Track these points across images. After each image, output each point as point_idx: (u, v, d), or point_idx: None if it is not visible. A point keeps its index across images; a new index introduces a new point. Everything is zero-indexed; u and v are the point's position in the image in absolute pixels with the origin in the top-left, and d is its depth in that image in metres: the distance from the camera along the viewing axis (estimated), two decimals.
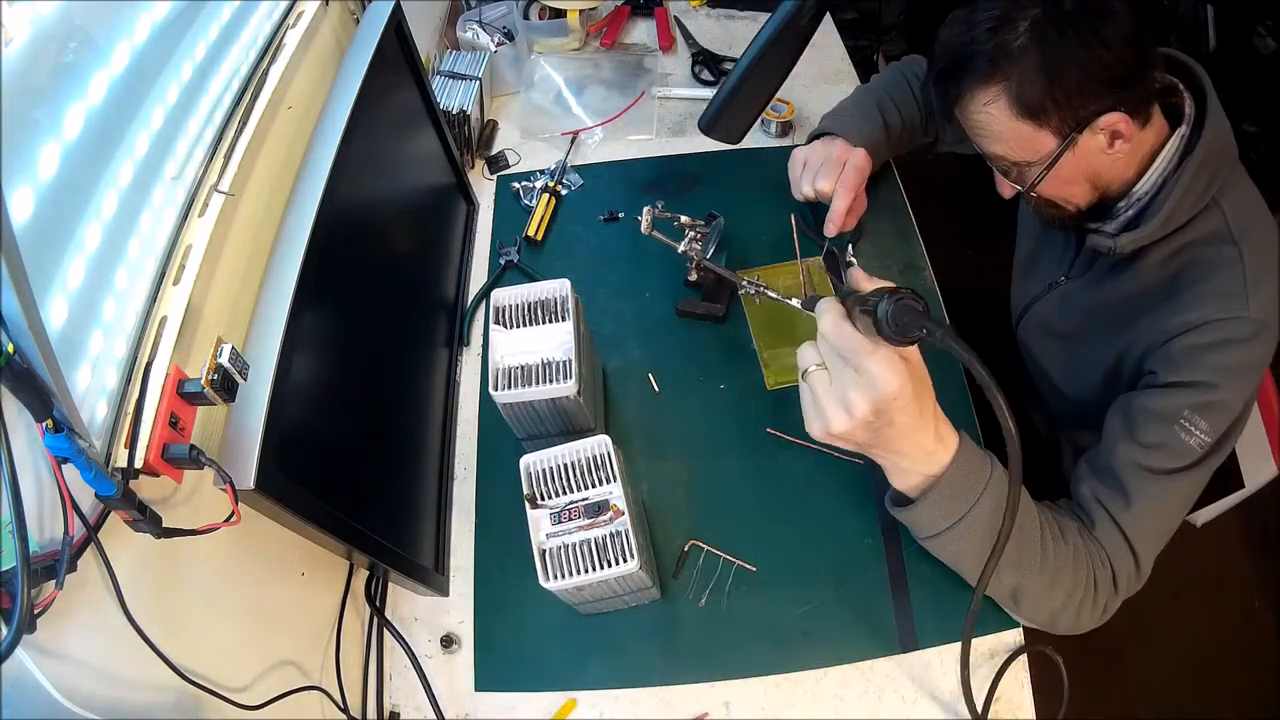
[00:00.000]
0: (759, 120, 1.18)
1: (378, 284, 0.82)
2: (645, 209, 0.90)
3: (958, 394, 0.92)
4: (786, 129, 1.18)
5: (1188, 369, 0.69)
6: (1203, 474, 0.71)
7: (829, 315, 0.57)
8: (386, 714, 0.80)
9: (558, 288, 0.80)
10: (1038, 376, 0.97)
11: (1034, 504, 0.71)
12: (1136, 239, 0.72)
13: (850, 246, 1.01)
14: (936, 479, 0.66)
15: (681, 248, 0.94)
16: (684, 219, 0.94)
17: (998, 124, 0.70)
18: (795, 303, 0.90)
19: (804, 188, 1.00)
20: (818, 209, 1.03)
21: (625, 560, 0.67)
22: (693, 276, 0.99)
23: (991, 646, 0.78)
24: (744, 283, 0.94)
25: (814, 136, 1.04)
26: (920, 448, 0.64)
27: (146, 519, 0.49)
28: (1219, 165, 0.71)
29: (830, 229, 0.99)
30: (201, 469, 0.51)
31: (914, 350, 0.58)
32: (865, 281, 0.59)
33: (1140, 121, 0.69)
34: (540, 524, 0.69)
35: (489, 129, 1.23)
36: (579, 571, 0.67)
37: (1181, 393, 0.69)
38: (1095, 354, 0.80)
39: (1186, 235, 0.73)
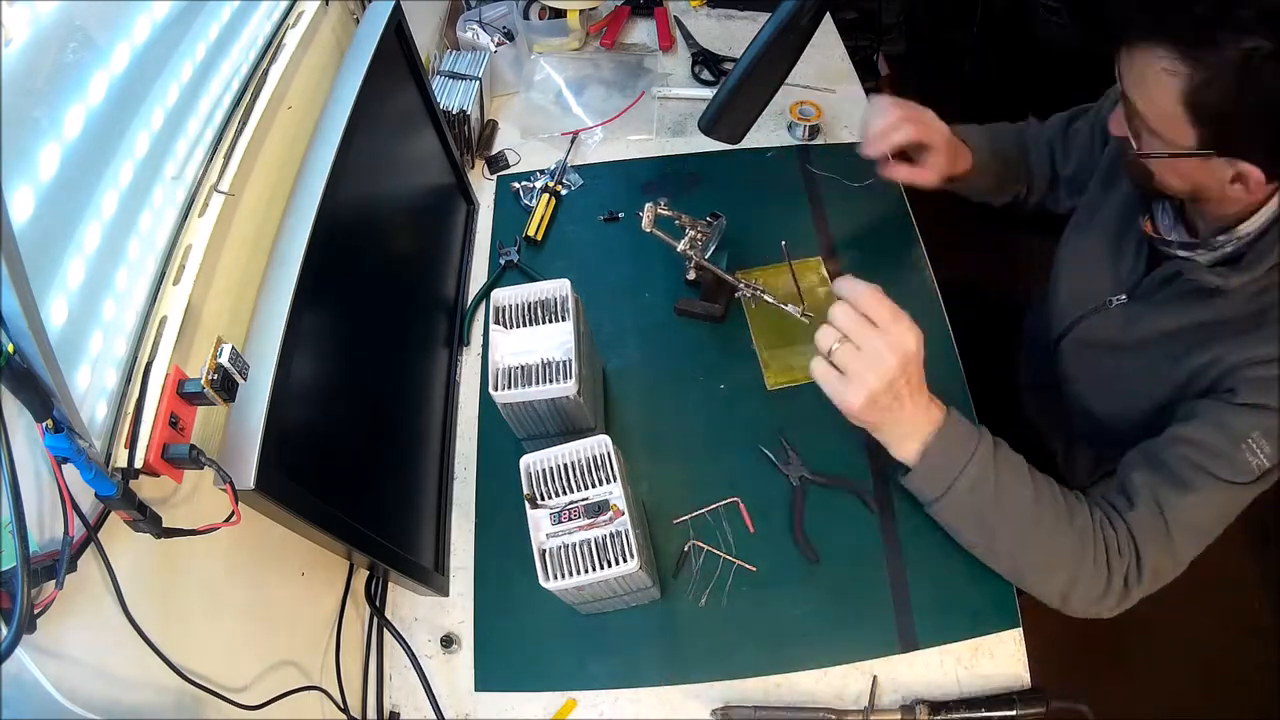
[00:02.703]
0: (786, 125, 1.19)
1: (378, 284, 0.82)
2: (647, 206, 0.89)
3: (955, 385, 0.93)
4: (814, 133, 1.18)
5: (1268, 394, 0.69)
6: (1253, 492, 0.71)
7: (862, 285, 0.68)
8: (386, 714, 0.80)
9: (558, 288, 0.80)
10: (1075, 390, 0.94)
11: (1035, 485, 0.73)
12: (1245, 281, 0.71)
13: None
14: (929, 441, 0.72)
15: (681, 246, 0.94)
16: (685, 218, 0.94)
17: (1162, 93, 0.65)
18: (791, 309, 0.90)
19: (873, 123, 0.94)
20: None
21: (625, 560, 0.67)
22: (691, 275, 0.99)
23: (991, 646, 0.78)
24: (741, 285, 0.94)
25: None
26: (920, 406, 0.72)
27: (146, 519, 0.49)
28: None
29: (868, 149, 0.94)
30: (201, 469, 0.51)
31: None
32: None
33: (1273, 183, 0.67)
34: (540, 524, 0.69)
35: (489, 129, 1.23)
36: (579, 571, 0.67)
37: (1256, 415, 0.69)
38: (1161, 374, 0.78)
39: (1277, 273, 0.71)
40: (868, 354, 0.67)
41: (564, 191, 1.15)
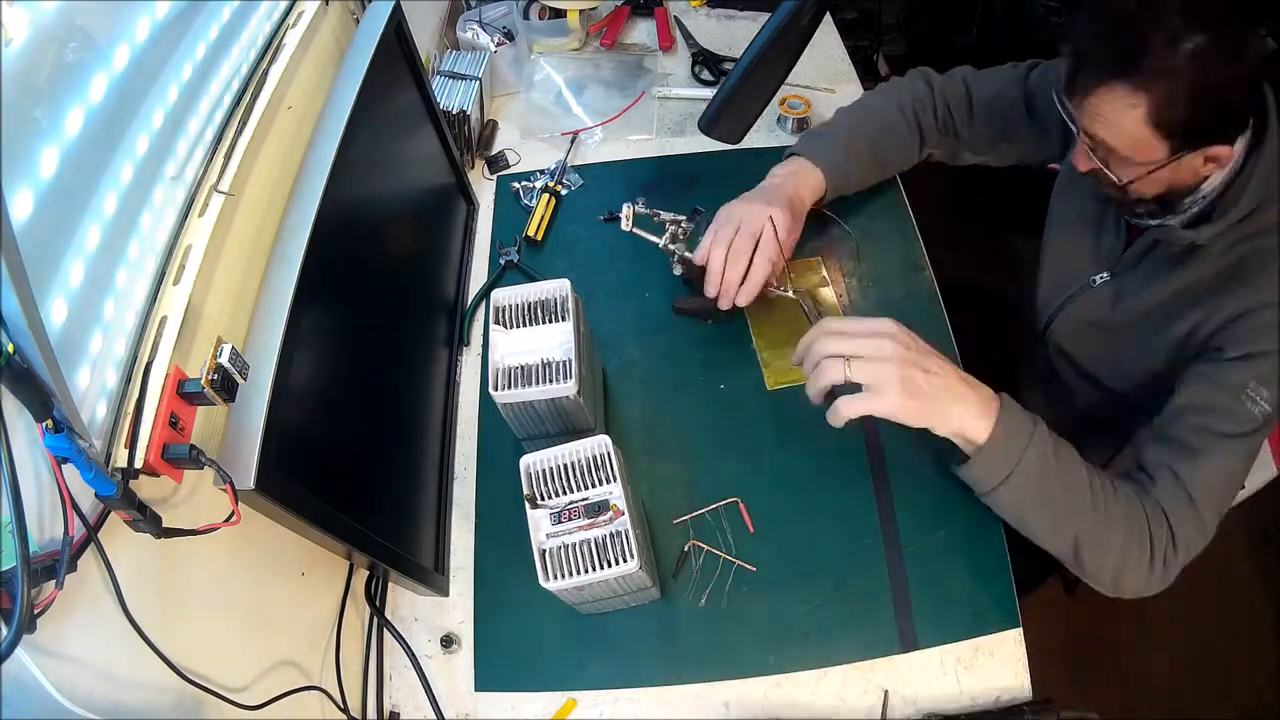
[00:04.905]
0: (775, 118, 1.19)
1: (378, 284, 0.82)
2: (625, 205, 0.90)
3: None
4: (802, 126, 1.18)
5: (1253, 342, 0.73)
6: (1260, 439, 0.74)
7: (829, 319, 0.70)
8: (386, 714, 0.80)
9: (558, 288, 0.80)
10: (1071, 374, 0.97)
11: (1086, 461, 0.75)
12: (1215, 232, 0.74)
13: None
14: (997, 416, 0.72)
15: (662, 242, 0.94)
16: (665, 215, 0.94)
17: (1127, 123, 0.69)
18: (780, 291, 0.89)
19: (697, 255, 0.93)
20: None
21: (625, 560, 0.67)
22: (677, 271, 0.98)
23: (991, 646, 0.78)
24: None
25: (786, 157, 1.01)
26: (963, 378, 0.72)
27: (146, 519, 0.49)
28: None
29: (722, 301, 0.92)
30: (201, 469, 0.51)
31: None
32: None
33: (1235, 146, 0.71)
34: (540, 524, 0.69)
35: (489, 129, 1.23)
36: (579, 571, 0.67)
37: (1247, 365, 0.73)
38: (1153, 346, 0.82)
39: (1247, 227, 0.75)
40: (867, 350, 0.69)
41: (564, 191, 1.14)
